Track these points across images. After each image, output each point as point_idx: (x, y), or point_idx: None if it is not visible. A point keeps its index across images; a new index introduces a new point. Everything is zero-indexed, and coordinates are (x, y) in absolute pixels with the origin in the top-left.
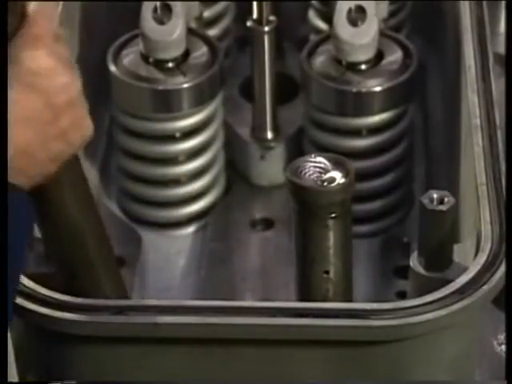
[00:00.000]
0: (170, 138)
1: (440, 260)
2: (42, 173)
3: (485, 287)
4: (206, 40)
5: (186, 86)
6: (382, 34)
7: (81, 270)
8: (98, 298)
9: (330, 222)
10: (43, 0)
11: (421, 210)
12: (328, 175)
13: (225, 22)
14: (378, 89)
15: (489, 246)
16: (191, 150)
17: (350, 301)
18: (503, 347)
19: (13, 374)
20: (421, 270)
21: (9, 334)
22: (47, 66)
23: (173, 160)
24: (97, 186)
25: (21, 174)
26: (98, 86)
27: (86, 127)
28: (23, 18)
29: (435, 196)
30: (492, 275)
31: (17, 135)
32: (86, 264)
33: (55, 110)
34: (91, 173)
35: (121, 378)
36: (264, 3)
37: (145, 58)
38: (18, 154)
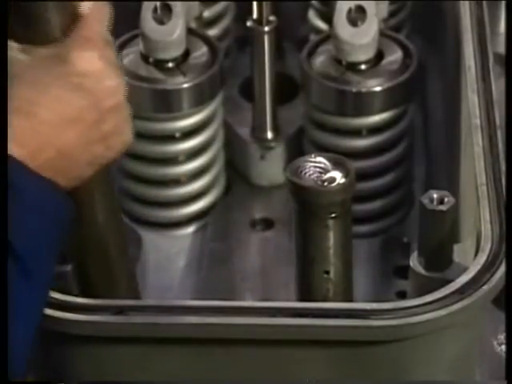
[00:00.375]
0: (170, 138)
1: (440, 260)
2: (80, 176)
3: (485, 287)
4: (206, 40)
5: (185, 85)
6: (382, 34)
7: (98, 277)
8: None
9: (330, 222)
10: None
11: (421, 210)
12: (328, 175)
13: (225, 22)
14: (377, 89)
15: (489, 245)
16: (191, 150)
17: (350, 301)
18: (503, 347)
19: None
20: (421, 269)
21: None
22: (97, 68)
23: (173, 160)
24: None
25: (60, 175)
26: None
27: (127, 133)
28: (74, 19)
29: (435, 196)
30: (492, 275)
31: (60, 135)
32: (104, 271)
33: (100, 113)
34: None
35: (121, 378)
36: (264, 3)
37: (145, 58)
38: (60, 155)
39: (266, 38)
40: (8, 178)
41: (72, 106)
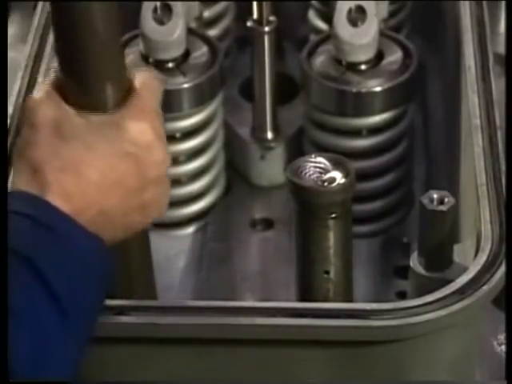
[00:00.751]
0: (170, 138)
1: (440, 260)
2: (114, 238)
3: (485, 287)
4: (206, 40)
5: (186, 86)
6: (382, 34)
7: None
8: None
9: (331, 222)
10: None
11: (421, 210)
12: (328, 175)
13: (225, 22)
14: (378, 89)
15: (489, 246)
16: (191, 150)
17: (351, 301)
18: (503, 347)
19: None
20: (421, 270)
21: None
22: (148, 139)
23: (173, 160)
24: None
25: (98, 233)
26: None
27: (164, 205)
28: (129, 91)
29: (435, 196)
30: (492, 275)
31: (104, 197)
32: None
33: (144, 182)
34: None
35: (121, 378)
36: (264, 3)
37: (145, 58)
38: (101, 215)
39: (266, 38)
40: (51, 223)
41: (119, 171)
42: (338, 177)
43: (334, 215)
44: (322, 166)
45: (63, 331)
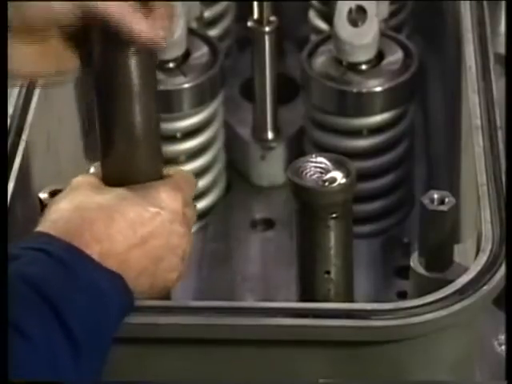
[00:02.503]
0: (171, 138)
1: (440, 260)
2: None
3: (485, 288)
4: (207, 40)
5: (186, 86)
6: (382, 34)
7: None
8: None
9: (331, 223)
10: None
11: (421, 210)
12: (329, 175)
13: (225, 23)
14: (378, 89)
15: (489, 246)
16: (192, 150)
17: (351, 301)
18: (503, 347)
19: None
20: (421, 270)
21: None
22: (177, 206)
23: (173, 160)
24: None
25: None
26: None
27: (179, 274)
28: (163, 176)
29: (436, 196)
30: (492, 276)
31: (128, 249)
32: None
33: (165, 245)
34: None
35: (121, 377)
36: (265, 3)
37: None
38: (121, 267)
39: (266, 38)
40: (71, 262)
41: (147, 227)
42: (339, 177)
43: (334, 215)
44: (322, 166)
45: (74, 365)
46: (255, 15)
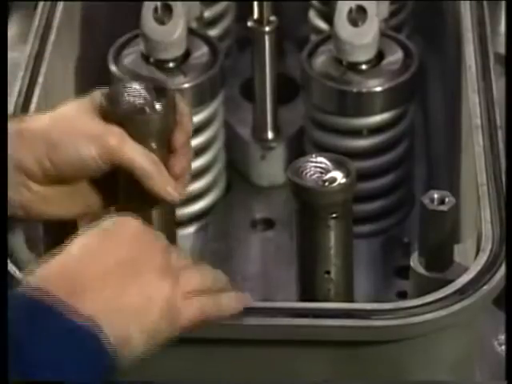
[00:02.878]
0: None
1: (440, 260)
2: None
3: (485, 287)
4: (207, 40)
5: (186, 86)
6: (382, 34)
7: None
8: None
9: (331, 222)
10: None
11: (421, 210)
12: (329, 175)
13: (225, 22)
14: (378, 89)
15: (489, 246)
16: (192, 150)
17: (351, 301)
18: (503, 347)
19: None
20: (421, 270)
21: None
22: (162, 244)
23: None
24: None
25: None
26: (98, 87)
27: (172, 331)
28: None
29: (436, 196)
30: (492, 275)
31: (124, 296)
32: None
33: (168, 305)
34: None
35: (121, 377)
36: (265, 3)
37: (145, 58)
38: (144, 337)
39: (266, 38)
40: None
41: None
42: (339, 177)
43: (334, 215)
44: (322, 165)
45: None
46: (255, 15)
